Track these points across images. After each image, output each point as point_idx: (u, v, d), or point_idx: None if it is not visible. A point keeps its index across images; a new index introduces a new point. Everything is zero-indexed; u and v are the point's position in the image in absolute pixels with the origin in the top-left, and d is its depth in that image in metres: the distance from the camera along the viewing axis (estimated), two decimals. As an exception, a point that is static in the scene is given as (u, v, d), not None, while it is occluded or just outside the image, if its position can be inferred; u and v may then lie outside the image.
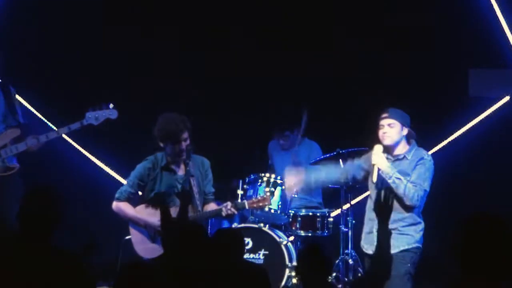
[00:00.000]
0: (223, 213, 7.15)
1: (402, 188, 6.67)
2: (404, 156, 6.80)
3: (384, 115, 6.84)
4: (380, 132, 6.83)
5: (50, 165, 9.06)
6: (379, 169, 6.69)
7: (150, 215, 7.18)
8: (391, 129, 6.80)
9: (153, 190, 7.22)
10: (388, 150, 6.82)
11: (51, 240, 4.63)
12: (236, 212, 7.14)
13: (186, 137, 7.14)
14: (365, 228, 6.90)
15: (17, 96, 7.97)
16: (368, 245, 6.80)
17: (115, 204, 7.31)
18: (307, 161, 8.75)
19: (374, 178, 6.71)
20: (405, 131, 6.83)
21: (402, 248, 6.70)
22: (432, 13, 9.32)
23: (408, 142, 6.86)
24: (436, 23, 9.31)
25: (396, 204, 6.71)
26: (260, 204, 7.35)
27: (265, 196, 7.47)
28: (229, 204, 7.19)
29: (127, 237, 7.36)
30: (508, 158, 9.03)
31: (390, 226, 6.68)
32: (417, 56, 9.27)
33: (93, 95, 9.21)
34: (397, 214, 6.71)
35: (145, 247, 7.17)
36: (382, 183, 6.72)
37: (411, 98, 8.94)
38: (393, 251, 6.63)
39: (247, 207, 7.28)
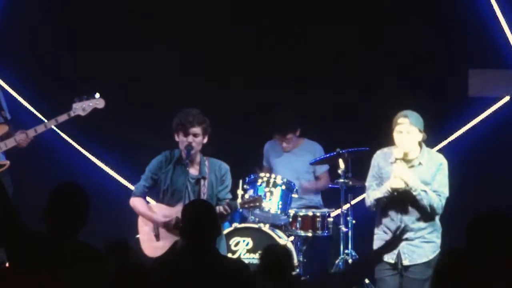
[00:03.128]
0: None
1: (427, 199, 6.61)
2: (420, 163, 6.71)
3: (404, 120, 6.68)
4: (398, 138, 6.67)
5: (49, 165, 9.07)
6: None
7: (160, 211, 7.16)
8: (409, 136, 6.65)
9: (164, 184, 7.17)
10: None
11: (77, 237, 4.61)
12: (228, 211, 7.07)
13: (197, 133, 7.07)
14: (383, 235, 6.77)
15: (5, 85, 7.94)
16: (390, 255, 6.70)
17: (131, 200, 7.27)
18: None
19: (394, 186, 6.65)
20: (421, 136, 6.74)
21: (430, 258, 6.66)
22: (432, 13, 9.31)
23: (419, 145, 6.79)
24: (436, 23, 9.30)
25: (419, 213, 6.67)
26: (251, 204, 7.29)
27: (256, 196, 7.41)
28: (224, 203, 7.15)
29: (137, 236, 7.34)
30: (508, 158, 9.03)
31: (415, 235, 6.67)
32: (417, 56, 9.27)
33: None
34: (421, 222, 6.67)
35: (150, 246, 7.17)
36: (404, 193, 6.67)
37: (411, 98, 8.93)
38: (420, 260, 6.62)
39: (239, 207, 7.23)
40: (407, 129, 6.66)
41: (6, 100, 8.01)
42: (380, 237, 6.82)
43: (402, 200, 6.67)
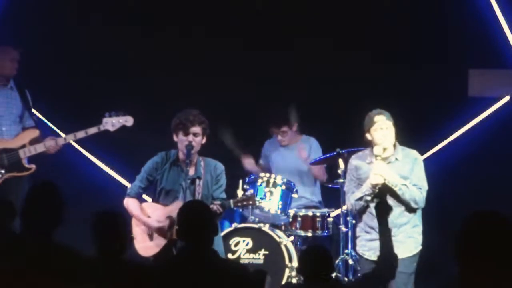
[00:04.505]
0: None
1: (408, 193, 6.66)
2: (396, 158, 6.77)
3: (380, 117, 6.78)
4: (379, 134, 6.75)
5: (50, 166, 9.07)
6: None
7: (153, 211, 7.18)
8: (389, 132, 6.75)
9: (160, 185, 7.21)
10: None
11: (53, 238, 4.62)
12: (221, 210, 7.07)
13: (197, 132, 7.10)
14: (365, 236, 6.83)
15: None
16: (372, 251, 6.75)
17: (125, 200, 7.31)
18: (307, 158, 8.76)
19: (373, 182, 6.67)
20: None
21: (414, 253, 6.70)
22: (432, 13, 9.31)
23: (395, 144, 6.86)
24: (436, 23, 9.31)
25: (401, 208, 6.69)
26: (245, 203, 7.31)
27: (249, 195, 7.41)
28: (217, 202, 7.15)
29: (131, 235, 7.35)
30: (508, 158, 9.03)
31: (399, 230, 6.69)
32: (417, 56, 9.27)
33: (97, 98, 9.26)
34: (402, 217, 6.70)
35: (144, 246, 7.19)
36: (384, 190, 6.68)
37: (411, 98, 8.94)
38: (404, 255, 6.62)
39: (232, 206, 7.24)
40: (386, 125, 6.77)
41: None
42: (363, 238, 6.86)
43: (383, 196, 6.70)
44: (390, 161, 6.76)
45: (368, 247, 6.79)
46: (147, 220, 7.16)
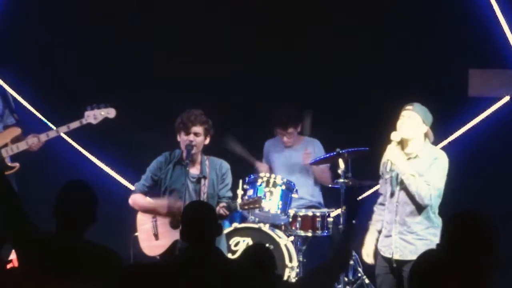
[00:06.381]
0: None
1: (414, 185, 6.61)
2: (417, 155, 6.72)
3: (408, 107, 6.78)
4: (399, 122, 6.75)
5: (50, 166, 9.07)
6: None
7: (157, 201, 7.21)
8: (410, 121, 6.72)
9: (164, 184, 7.24)
10: (402, 144, 6.75)
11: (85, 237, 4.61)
12: (227, 212, 7.10)
13: (198, 132, 7.13)
14: (383, 231, 6.82)
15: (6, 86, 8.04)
16: (386, 248, 6.75)
17: (130, 198, 7.33)
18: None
19: (387, 175, 6.69)
20: (424, 129, 6.74)
21: None
22: (432, 13, 9.32)
23: (423, 140, 6.79)
24: (436, 22, 9.31)
25: (411, 207, 6.67)
26: (251, 206, 7.33)
27: (256, 198, 7.43)
28: (222, 204, 7.16)
29: (135, 234, 7.36)
30: (508, 158, 9.03)
31: (409, 229, 6.66)
32: (417, 56, 9.27)
33: (94, 95, 9.24)
34: (416, 217, 6.66)
35: (149, 245, 7.20)
36: (399, 183, 6.69)
37: (411, 98, 8.92)
38: (411, 257, 6.54)
39: (239, 208, 7.25)
40: (409, 114, 6.74)
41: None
42: (382, 234, 6.84)
43: (398, 190, 6.70)
44: (410, 157, 6.72)
45: (385, 242, 6.76)
46: (156, 204, 7.17)
